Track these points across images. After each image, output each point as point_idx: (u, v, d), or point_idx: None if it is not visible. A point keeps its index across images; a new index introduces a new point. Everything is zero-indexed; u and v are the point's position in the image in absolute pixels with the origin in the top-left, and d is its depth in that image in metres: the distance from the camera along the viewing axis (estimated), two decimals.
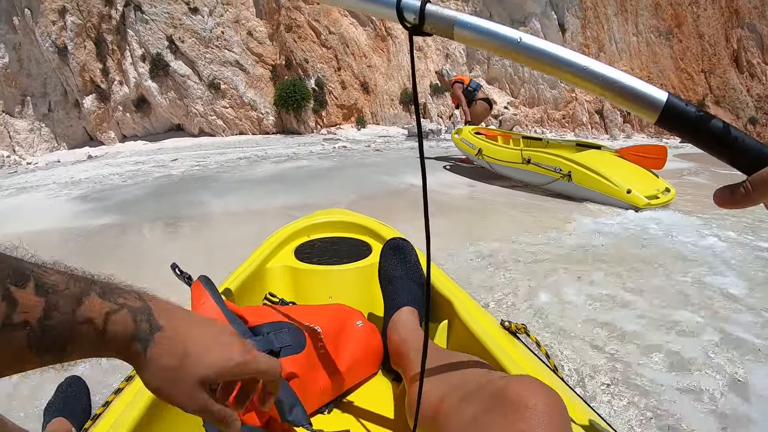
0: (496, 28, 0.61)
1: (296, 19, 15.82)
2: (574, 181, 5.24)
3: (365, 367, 1.13)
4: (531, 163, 5.70)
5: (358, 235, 1.78)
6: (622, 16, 21.44)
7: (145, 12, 14.96)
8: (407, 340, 1.04)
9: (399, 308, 1.17)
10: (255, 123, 15.93)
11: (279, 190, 6.18)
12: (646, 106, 0.54)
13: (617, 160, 5.63)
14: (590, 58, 0.57)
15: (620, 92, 0.55)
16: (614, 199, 4.92)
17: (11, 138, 14.95)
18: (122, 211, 5.45)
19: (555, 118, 18.94)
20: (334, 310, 1.19)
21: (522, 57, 0.60)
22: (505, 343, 1.01)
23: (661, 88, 0.53)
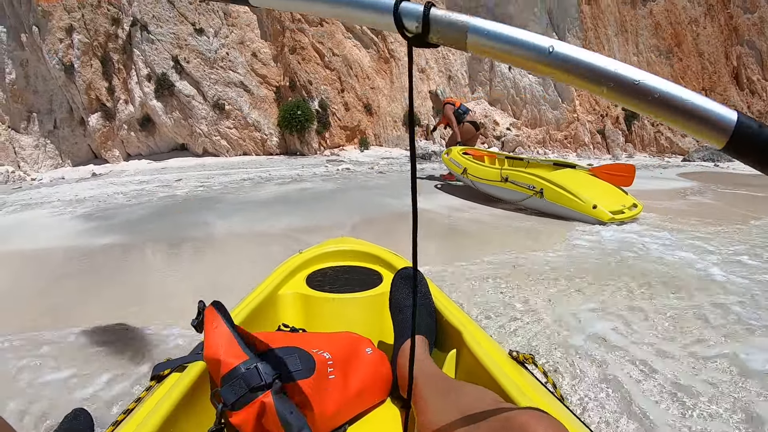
0: (522, 35, 0.51)
1: (300, 41, 16.01)
2: (545, 198, 5.61)
3: (374, 394, 1.14)
4: (508, 182, 6.09)
5: (369, 264, 1.81)
6: (623, 36, 21.67)
7: (151, 32, 15.16)
8: (415, 369, 1.03)
9: (409, 337, 1.18)
10: (259, 144, 16.03)
11: (283, 212, 6.21)
12: (710, 128, 0.46)
13: (589, 178, 5.98)
14: (643, 71, 0.48)
15: (681, 113, 0.46)
16: (581, 214, 5.26)
17: (16, 154, 15.07)
18: (126, 231, 5.48)
19: (557, 138, 19.02)
20: (344, 338, 1.21)
21: (555, 70, 0.50)
22: (513, 373, 1.02)
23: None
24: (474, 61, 19.29)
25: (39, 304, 3.22)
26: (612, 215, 5.12)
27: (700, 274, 3.37)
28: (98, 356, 2.37)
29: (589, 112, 19.94)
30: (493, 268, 3.57)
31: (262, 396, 0.84)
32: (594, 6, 20.82)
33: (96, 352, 2.41)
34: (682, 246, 4.18)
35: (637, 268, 3.57)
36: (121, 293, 3.38)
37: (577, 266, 3.61)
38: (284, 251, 4.11)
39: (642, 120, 20.68)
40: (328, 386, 1.01)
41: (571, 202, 5.37)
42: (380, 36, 17.43)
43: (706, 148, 19.09)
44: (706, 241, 4.31)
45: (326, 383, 1.01)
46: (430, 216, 6.03)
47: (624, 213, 5.24)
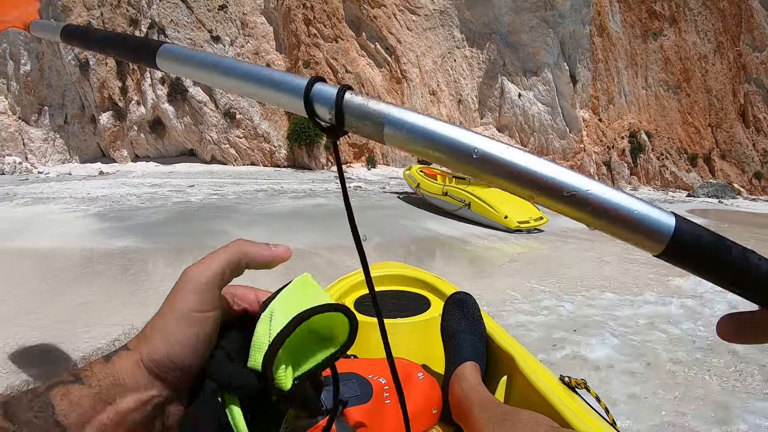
0: (445, 131, 0.44)
1: (315, 55, 16.13)
2: (472, 209, 7.02)
3: (425, 419, 1.15)
4: (447, 195, 7.51)
5: (416, 289, 1.81)
6: (632, 70, 21.79)
7: (169, 36, 15.25)
8: (469, 396, 1.06)
9: (462, 363, 1.19)
10: (267, 155, 16.09)
11: (301, 228, 6.23)
12: (645, 237, 0.41)
13: (509, 195, 6.68)
14: (582, 177, 0.43)
15: (617, 222, 0.42)
16: (495, 222, 6.69)
17: (25, 145, 15.10)
18: (143, 235, 5.44)
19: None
20: (397, 364, 1.23)
21: (480, 172, 0.44)
22: (568, 400, 1.03)
23: (668, 142, 0.40)
24: (485, 86, 19.39)
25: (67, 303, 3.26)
26: (518, 224, 6.51)
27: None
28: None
29: (596, 143, 20.01)
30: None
31: (323, 421, 0.88)
32: (605, 38, 20.97)
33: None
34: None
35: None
36: (143, 299, 3.39)
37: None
38: (312, 269, 4.15)
39: (647, 153, 20.79)
40: (384, 411, 1.01)
41: (488, 213, 6.76)
42: (393, 56, 17.55)
43: (711, 185, 19.16)
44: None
45: (383, 408, 1.01)
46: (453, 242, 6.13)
47: (529, 223, 6.62)
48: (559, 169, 0.43)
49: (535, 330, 3.12)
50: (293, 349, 0.41)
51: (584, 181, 0.42)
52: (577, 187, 0.42)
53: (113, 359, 0.37)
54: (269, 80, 0.55)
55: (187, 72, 0.66)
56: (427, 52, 18.39)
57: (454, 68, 19.03)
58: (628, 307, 3.69)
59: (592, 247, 6.05)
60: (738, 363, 2.79)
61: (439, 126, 0.45)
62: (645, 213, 0.41)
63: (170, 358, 0.38)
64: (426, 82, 18.37)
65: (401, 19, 17.79)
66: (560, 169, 0.43)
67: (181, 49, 0.69)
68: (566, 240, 6.49)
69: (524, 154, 0.43)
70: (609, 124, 20.98)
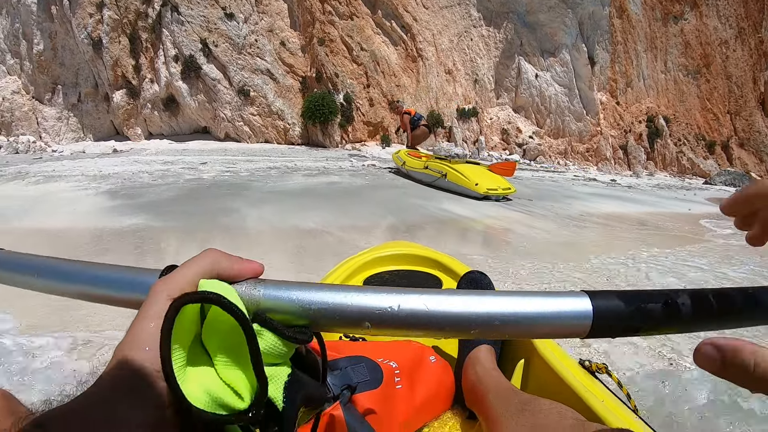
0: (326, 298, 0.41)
1: (330, 33, 15.96)
2: (448, 179, 7.97)
3: (438, 404, 1.10)
4: (427, 168, 8.51)
5: (428, 268, 1.73)
6: (652, 53, 21.49)
7: (182, 13, 15.13)
8: (484, 380, 1.01)
9: (477, 345, 1.14)
10: (281, 132, 16.01)
11: (315, 206, 6.14)
12: (568, 327, 0.41)
13: (482, 169, 8.33)
14: (488, 296, 0.41)
15: (535, 326, 0.41)
16: (467, 189, 7.59)
17: (39, 124, 15.15)
18: (154, 212, 5.40)
19: (579, 150, 18.91)
20: (408, 346, 1.16)
21: (375, 332, 0.42)
22: (588, 384, 0.96)
23: (686, 128, 0.41)
24: (501, 66, 19.20)
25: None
26: (487, 190, 7.43)
27: None
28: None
29: (613, 126, 19.79)
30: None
31: (331, 408, 0.79)
32: (625, 20, 20.64)
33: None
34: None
35: None
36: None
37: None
38: (323, 248, 4.04)
39: (665, 139, 20.52)
40: (395, 396, 0.97)
41: (461, 181, 7.70)
42: (409, 34, 17.36)
43: (728, 173, 18.93)
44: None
45: (394, 393, 0.97)
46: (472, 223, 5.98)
47: (497, 191, 7.54)
48: (460, 301, 0.41)
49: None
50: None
51: (489, 303, 0.41)
52: (481, 321, 0.40)
53: (73, 401, 0.35)
54: (101, 278, 0.48)
55: (22, 282, 0.54)
56: (444, 30, 18.18)
57: (470, 47, 18.83)
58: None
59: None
60: None
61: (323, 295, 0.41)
62: (559, 310, 0.40)
63: (154, 368, 0.36)
64: (442, 60, 18.18)
65: None
66: (463, 300, 0.41)
67: (9, 256, 0.57)
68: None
69: (420, 299, 0.41)
70: (627, 107, 20.72)
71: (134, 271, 0.48)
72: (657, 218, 7.45)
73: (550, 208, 7.49)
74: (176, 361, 0.36)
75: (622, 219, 7.12)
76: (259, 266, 0.45)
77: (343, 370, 0.89)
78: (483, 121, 18.76)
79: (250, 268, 0.44)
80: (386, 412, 0.92)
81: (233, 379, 0.37)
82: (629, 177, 16.88)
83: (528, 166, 16.21)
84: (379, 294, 0.42)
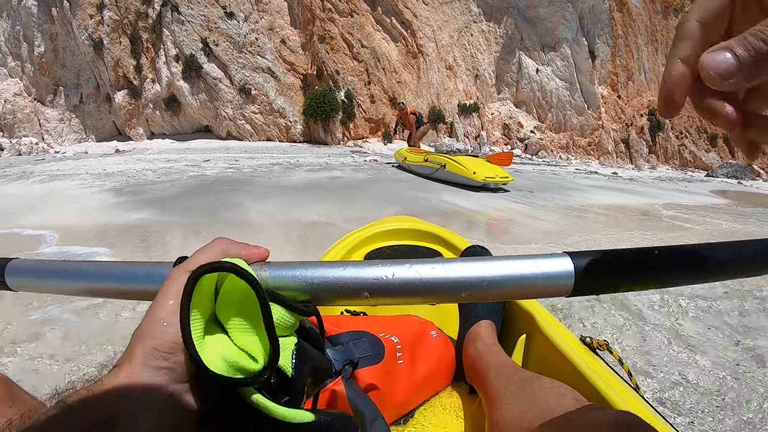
0: (327, 272, 0.46)
1: (330, 30, 15.96)
2: (447, 169, 8.11)
3: (439, 379, 1.09)
4: (427, 161, 8.68)
5: (429, 243, 1.74)
6: (653, 46, 21.43)
7: (182, 13, 15.16)
8: (484, 356, 1.00)
9: (477, 321, 1.13)
10: (283, 130, 16.02)
11: (318, 199, 6.16)
12: (554, 287, 0.43)
13: (481, 160, 8.52)
14: (476, 262, 0.44)
15: (524, 290, 0.43)
16: (465, 178, 7.73)
17: (41, 126, 15.18)
18: (159, 208, 5.42)
19: (580, 145, 18.88)
20: (409, 321, 1.15)
21: (373, 302, 0.45)
22: (589, 360, 0.95)
23: (687, 121, 0.43)
24: (502, 61, 19.18)
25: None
26: (485, 178, 7.55)
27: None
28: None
29: (615, 120, 19.75)
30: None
31: (332, 384, 0.80)
32: (625, 14, 20.59)
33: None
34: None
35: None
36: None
37: None
38: (324, 239, 4.05)
39: (666, 132, 20.46)
40: (397, 371, 0.96)
41: (460, 170, 7.84)
42: (409, 30, 17.35)
43: (730, 165, 18.85)
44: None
45: (395, 368, 0.96)
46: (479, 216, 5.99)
47: (495, 179, 7.67)
48: (450, 268, 0.43)
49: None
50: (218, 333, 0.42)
51: (476, 267, 0.43)
52: (470, 284, 0.43)
53: (101, 379, 0.38)
54: (135, 278, 0.52)
55: (48, 288, 0.58)
56: (444, 26, 18.17)
57: (471, 43, 18.82)
58: None
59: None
60: None
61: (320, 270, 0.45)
62: (543, 271, 0.43)
63: (173, 339, 0.39)
64: (442, 56, 18.18)
65: None
66: (452, 267, 0.43)
67: (33, 265, 0.59)
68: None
69: (412, 268, 0.44)
70: (628, 101, 20.67)
71: (149, 264, 0.52)
72: (656, 209, 7.46)
73: (551, 199, 7.48)
74: (194, 331, 0.39)
75: (622, 209, 7.12)
76: (264, 251, 0.49)
77: (345, 345, 0.89)
78: (484, 116, 18.75)
79: (257, 252, 0.48)
80: (388, 387, 0.92)
81: (247, 343, 0.40)
82: (631, 170, 16.84)
83: (530, 160, 16.18)
84: (374, 266, 0.45)
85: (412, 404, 1.01)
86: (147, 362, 0.38)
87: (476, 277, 0.43)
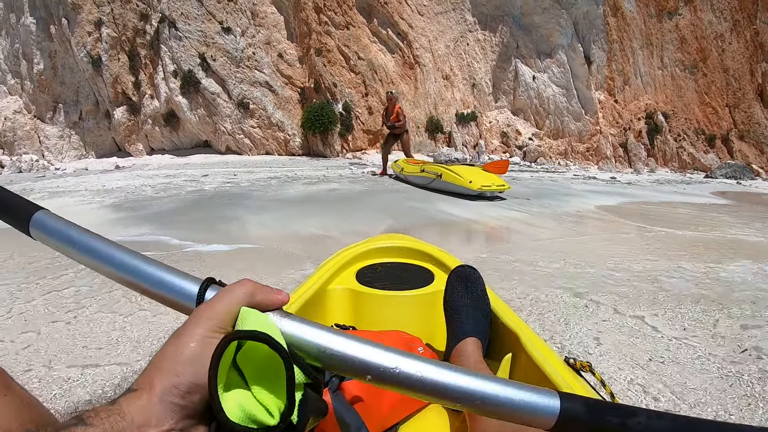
0: (343, 347, 0.48)
1: (326, 43, 16.06)
2: (443, 179, 8.12)
3: None
4: (424, 172, 8.70)
5: (421, 261, 1.76)
6: (648, 50, 21.52)
7: (179, 29, 15.27)
8: None
9: (463, 338, 1.16)
10: (282, 144, 16.09)
11: (315, 212, 6.18)
12: (534, 419, 0.44)
13: (477, 169, 8.51)
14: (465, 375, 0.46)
15: (506, 414, 0.45)
16: (461, 188, 7.77)
17: (41, 143, 15.27)
18: (158, 223, 5.46)
19: (579, 150, 18.92)
20: (397, 336, 1.19)
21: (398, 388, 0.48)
22: (571, 381, 0.97)
23: (685, 123, 0.41)
24: (498, 69, 19.27)
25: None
26: (481, 187, 7.56)
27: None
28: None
29: (612, 125, 19.79)
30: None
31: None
32: (620, 18, 20.68)
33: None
34: None
35: None
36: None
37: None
38: (322, 252, 4.07)
39: (665, 135, 20.50)
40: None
41: (456, 180, 7.86)
42: (406, 41, 17.46)
43: (729, 166, 18.87)
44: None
45: None
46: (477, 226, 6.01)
47: (491, 187, 7.66)
48: (452, 376, 0.46)
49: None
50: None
51: (476, 383, 0.45)
52: (465, 397, 0.45)
53: (119, 401, 0.40)
54: (154, 277, 0.54)
55: (64, 250, 0.60)
56: (440, 36, 18.28)
57: (467, 52, 18.92)
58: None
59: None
60: None
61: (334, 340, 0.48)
62: (533, 402, 0.44)
63: (192, 380, 0.42)
64: (439, 66, 18.27)
65: (412, 4, 17.69)
66: (454, 375, 0.46)
67: (58, 222, 0.62)
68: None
69: (417, 366, 0.46)
70: (625, 105, 20.73)
71: (175, 273, 0.54)
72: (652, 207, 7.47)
73: (547, 205, 7.50)
74: (218, 382, 0.42)
75: (619, 212, 7.13)
76: (285, 296, 0.52)
77: None
78: (482, 124, 18.81)
79: (279, 299, 0.51)
80: (373, 399, 0.94)
81: (266, 400, 0.43)
82: (630, 174, 16.86)
83: (528, 167, 16.22)
84: (385, 352, 0.48)
85: (396, 417, 1.03)
86: (164, 397, 0.41)
87: (473, 390, 0.45)
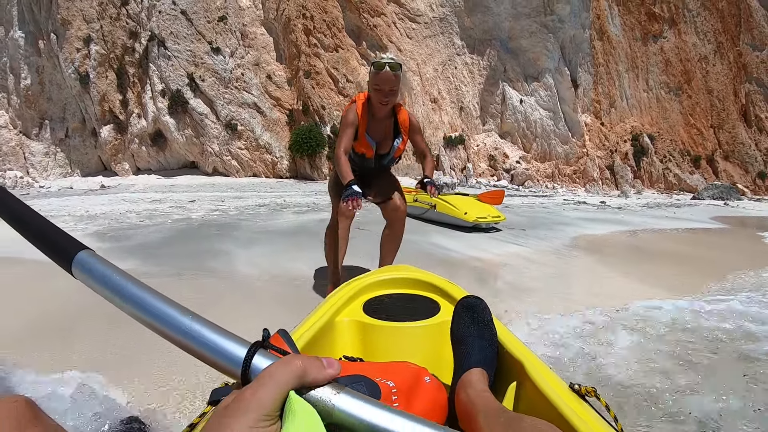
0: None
1: (315, 65, 16.13)
2: (437, 209, 8.04)
3: (433, 421, 1.13)
4: (417, 201, 8.55)
5: (427, 292, 1.78)
6: (633, 73, 21.86)
7: (169, 48, 15.27)
8: (475, 402, 1.02)
9: (469, 368, 1.17)
10: (269, 166, 16.06)
11: (306, 245, 6.01)
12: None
13: (471, 199, 8.48)
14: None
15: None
16: (456, 219, 7.59)
17: (26, 159, 15.13)
18: (141, 257, 5.27)
19: (566, 173, 19.09)
20: (404, 367, 1.18)
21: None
22: (577, 408, 0.98)
23: (670, 144, 0.41)
24: (486, 93, 19.43)
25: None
26: (476, 219, 7.41)
27: None
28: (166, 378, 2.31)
29: (599, 147, 20.00)
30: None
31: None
32: (606, 42, 21.00)
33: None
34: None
35: None
36: (143, 331, 3.26)
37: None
38: (318, 290, 3.99)
39: (650, 156, 20.76)
40: None
41: (450, 211, 7.75)
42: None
43: (715, 186, 19.12)
44: None
45: None
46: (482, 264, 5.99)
47: (487, 219, 7.52)
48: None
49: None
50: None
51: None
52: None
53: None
54: (199, 336, 0.53)
55: (106, 294, 0.60)
56: (428, 59, 18.44)
57: (455, 75, 19.09)
58: None
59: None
60: None
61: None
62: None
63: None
64: (427, 89, 18.40)
65: (401, 28, 17.84)
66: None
67: (103, 264, 0.60)
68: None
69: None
70: (611, 127, 21.01)
71: (221, 333, 0.54)
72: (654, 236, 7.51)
73: (544, 237, 7.49)
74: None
75: (614, 244, 7.15)
76: (336, 369, 0.53)
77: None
78: (470, 148, 18.93)
79: (329, 374, 0.51)
80: None
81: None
82: (618, 197, 17.00)
83: (516, 191, 16.30)
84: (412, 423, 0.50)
85: None
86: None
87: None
